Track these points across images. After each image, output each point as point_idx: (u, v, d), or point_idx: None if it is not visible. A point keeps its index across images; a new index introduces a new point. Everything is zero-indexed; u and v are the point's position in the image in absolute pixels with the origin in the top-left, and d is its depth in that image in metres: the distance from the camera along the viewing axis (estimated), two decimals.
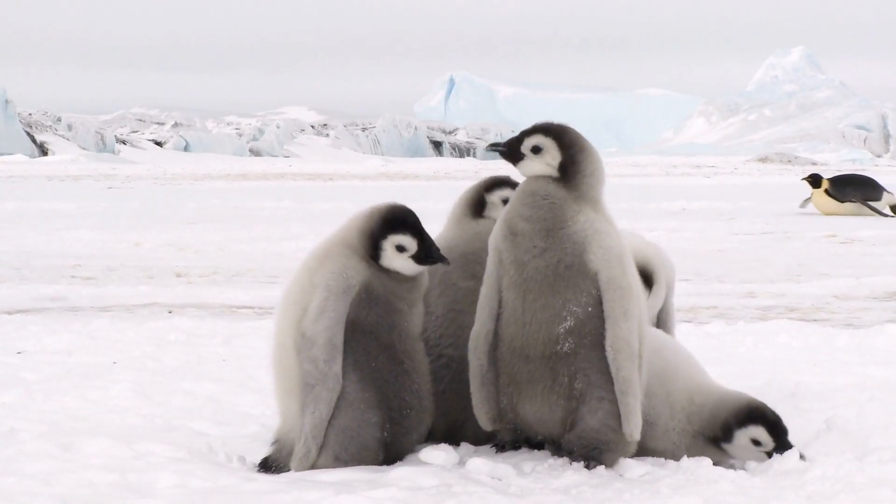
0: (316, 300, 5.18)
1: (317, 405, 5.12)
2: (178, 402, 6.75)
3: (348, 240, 5.32)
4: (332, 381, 5.13)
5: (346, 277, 5.21)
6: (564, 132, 5.38)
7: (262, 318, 10.79)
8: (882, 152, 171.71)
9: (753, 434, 5.35)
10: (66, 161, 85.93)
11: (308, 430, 5.14)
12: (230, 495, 4.81)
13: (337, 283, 5.19)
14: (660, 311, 6.50)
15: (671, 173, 61.64)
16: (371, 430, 5.22)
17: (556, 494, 4.93)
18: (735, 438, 5.36)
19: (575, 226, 5.26)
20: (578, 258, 5.24)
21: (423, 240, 5.28)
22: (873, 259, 17.28)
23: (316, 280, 5.23)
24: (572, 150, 5.34)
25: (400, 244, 5.26)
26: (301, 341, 5.16)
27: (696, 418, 5.42)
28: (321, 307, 5.16)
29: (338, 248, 5.31)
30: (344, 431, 5.18)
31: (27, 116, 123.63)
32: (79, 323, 10.00)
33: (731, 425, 5.36)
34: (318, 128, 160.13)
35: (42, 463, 5.20)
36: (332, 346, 5.14)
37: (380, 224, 5.30)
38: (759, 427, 5.35)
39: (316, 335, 5.14)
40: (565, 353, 5.25)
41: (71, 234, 20.92)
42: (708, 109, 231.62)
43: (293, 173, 62.02)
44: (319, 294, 5.19)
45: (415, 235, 5.27)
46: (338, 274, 5.21)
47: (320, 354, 5.13)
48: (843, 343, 9.17)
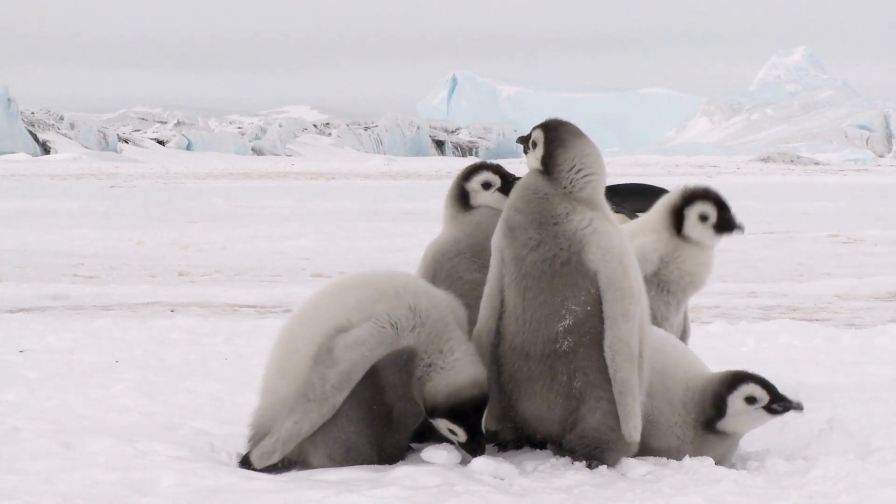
0: (362, 330, 5.14)
1: (302, 419, 5.12)
2: (180, 401, 6.76)
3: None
4: (328, 409, 5.13)
5: (400, 330, 5.18)
6: (555, 128, 5.38)
7: (264, 317, 10.80)
8: (884, 152, 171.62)
9: (745, 392, 5.35)
10: (68, 160, 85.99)
11: (283, 434, 5.14)
12: (232, 494, 4.81)
13: (390, 332, 5.16)
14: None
15: (674, 173, 61.66)
16: (360, 438, 5.23)
17: (558, 494, 4.93)
18: (729, 406, 5.36)
19: (569, 223, 5.25)
20: (576, 256, 5.23)
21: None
22: (875, 259, 17.28)
23: (372, 310, 5.17)
24: (552, 144, 5.34)
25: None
26: (324, 355, 5.13)
27: (692, 405, 5.43)
28: (362, 340, 5.12)
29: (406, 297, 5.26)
30: (332, 434, 5.19)
31: (30, 115, 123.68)
32: (81, 322, 10.00)
33: (722, 394, 5.36)
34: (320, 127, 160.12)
35: (44, 461, 5.20)
36: (347, 378, 5.11)
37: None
38: (748, 384, 5.35)
39: (340, 360, 5.11)
40: (564, 352, 5.24)
41: (73, 233, 20.93)
42: (710, 109, 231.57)
43: (295, 172, 62.04)
44: (369, 328, 5.14)
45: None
46: (395, 321, 5.17)
47: (333, 379, 5.11)
48: (846, 343, 9.17)
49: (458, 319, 5.30)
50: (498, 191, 5.60)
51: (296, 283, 13.69)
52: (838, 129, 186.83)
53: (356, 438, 5.23)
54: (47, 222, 23.53)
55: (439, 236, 5.70)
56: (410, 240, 19.60)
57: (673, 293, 6.36)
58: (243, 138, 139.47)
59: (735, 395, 5.36)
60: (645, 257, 6.30)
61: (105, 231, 21.35)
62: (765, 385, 5.37)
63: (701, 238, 6.34)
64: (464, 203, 5.69)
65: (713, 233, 6.35)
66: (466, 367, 5.18)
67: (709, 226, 6.33)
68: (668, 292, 6.35)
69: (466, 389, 5.14)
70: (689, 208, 6.34)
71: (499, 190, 5.60)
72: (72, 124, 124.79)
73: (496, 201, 5.60)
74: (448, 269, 5.59)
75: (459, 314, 5.32)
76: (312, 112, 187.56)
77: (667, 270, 6.33)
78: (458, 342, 5.23)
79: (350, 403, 5.18)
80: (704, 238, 6.34)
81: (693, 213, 6.34)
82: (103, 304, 12.06)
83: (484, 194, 5.62)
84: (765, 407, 5.35)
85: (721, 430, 5.39)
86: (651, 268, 6.31)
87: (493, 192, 5.62)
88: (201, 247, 18.80)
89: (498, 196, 5.59)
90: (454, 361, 5.18)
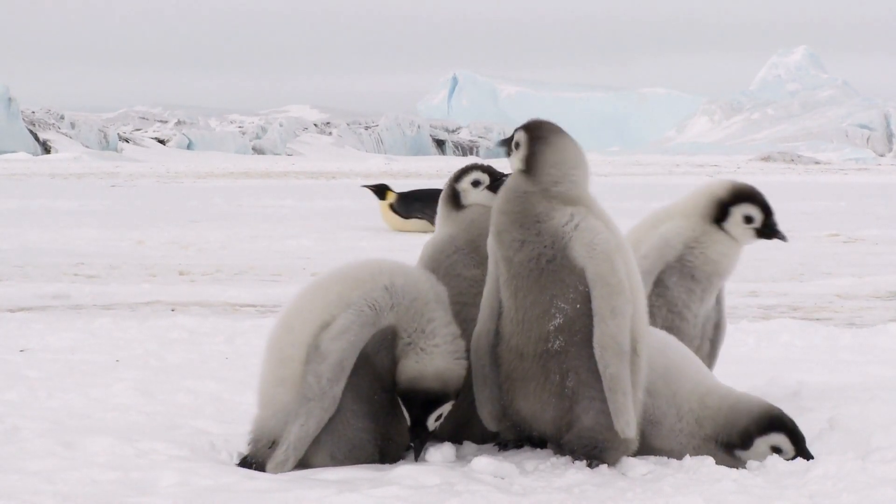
0: (343, 319, 5.19)
1: (308, 419, 5.15)
2: (181, 401, 6.76)
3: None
4: (329, 402, 5.15)
5: (379, 310, 5.23)
6: (537, 127, 5.40)
7: (265, 317, 10.80)
8: (885, 151, 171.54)
9: (775, 442, 5.32)
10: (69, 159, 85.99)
11: (293, 439, 5.17)
12: (232, 493, 4.81)
13: (369, 313, 5.21)
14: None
15: (674, 172, 61.64)
16: (365, 434, 5.24)
17: (558, 493, 4.93)
18: (755, 446, 5.34)
19: (551, 221, 5.26)
20: (560, 252, 5.24)
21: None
22: (876, 258, 17.28)
23: (350, 298, 5.23)
24: (536, 143, 5.35)
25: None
26: (313, 353, 5.17)
27: (710, 423, 5.39)
28: (345, 328, 5.17)
29: (378, 278, 5.31)
30: (336, 431, 5.21)
31: (30, 114, 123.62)
32: (81, 321, 10.00)
33: (752, 433, 5.33)
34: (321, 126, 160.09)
35: (44, 461, 5.20)
36: (340, 368, 5.15)
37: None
38: (780, 435, 5.32)
39: (329, 352, 5.15)
40: (556, 352, 5.25)
41: (74, 233, 20.93)
42: (711, 108, 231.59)
43: (296, 172, 62.04)
44: (349, 315, 5.19)
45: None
46: (372, 303, 5.23)
47: (326, 373, 5.14)
48: (846, 342, 9.17)
49: (439, 298, 5.35)
50: (487, 188, 5.69)
51: (296, 283, 13.69)
52: (839, 128, 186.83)
53: (361, 435, 5.25)
54: (47, 221, 23.52)
55: (435, 235, 5.77)
56: (411, 239, 19.61)
57: (697, 280, 6.30)
58: (244, 137, 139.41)
59: (764, 439, 5.33)
60: (668, 243, 6.29)
61: (105, 230, 21.35)
62: (794, 438, 5.33)
63: (740, 237, 6.33)
64: (456, 203, 5.76)
65: (754, 235, 6.33)
66: (440, 356, 5.23)
67: (751, 228, 6.31)
68: (691, 279, 6.30)
69: (427, 380, 5.19)
70: (736, 207, 6.31)
71: (488, 187, 5.69)
72: (72, 124, 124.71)
73: (486, 198, 5.68)
74: (446, 267, 5.63)
75: (440, 293, 5.37)
76: (313, 111, 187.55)
77: (691, 255, 6.28)
78: (441, 324, 5.28)
79: (352, 399, 5.20)
80: (743, 238, 6.33)
81: (739, 212, 6.30)
82: (104, 303, 12.06)
83: (474, 192, 5.72)
84: (787, 459, 5.33)
85: (738, 457, 5.38)
86: (674, 253, 6.29)
87: (483, 190, 5.71)
88: (202, 246, 18.79)
89: (487, 193, 5.69)
90: (433, 347, 5.23)
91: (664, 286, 6.32)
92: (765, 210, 6.33)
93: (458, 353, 5.28)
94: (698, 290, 6.33)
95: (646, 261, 6.29)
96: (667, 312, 6.33)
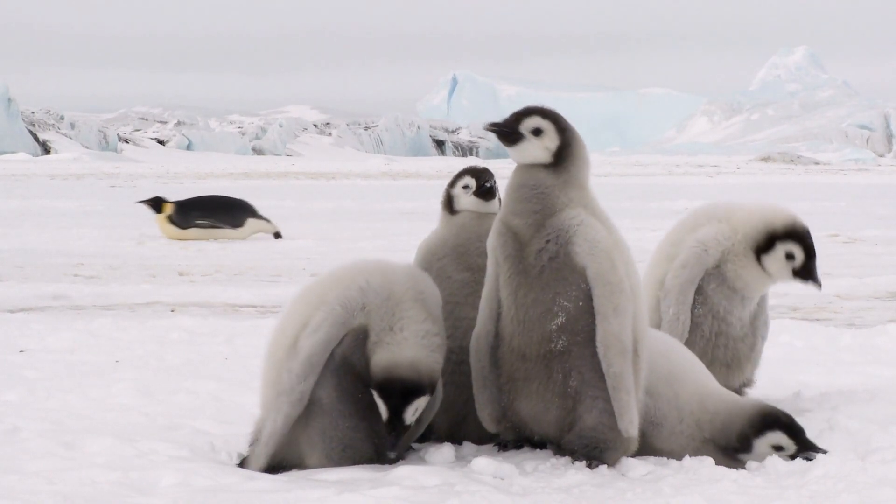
0: (316, 318, 5.23)
1: (277, 414, 5.18)
2: (181, 401, 6.76)
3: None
4: (297, 397, 5.17)
5: (350, 310, 5.23)
6: (559, 116, 5.38)
7: (265, 317, 10.80)
8: (885, 152, 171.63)
9: (773, 440, 5.30)
10: (68, 159, 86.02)
11: (265, 436, 5.20)
12: (232, 494, 4.81)
13: (340, 311, 5.22)
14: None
15: (674, 172, 61.65)
16: (356, 433, 5.24)
17: (558, 493, 4.93)
18: (755, 448, 5.33)
19: (561, 214, 5.25)
20: (563, 249, 5.23)
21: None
22: (876, 259, 17.28)
23: (328, 297, 5.26)
24: (567, 133, 5.32)
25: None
26: (291, 351, 5.22)
27: (709, 426, 5.39)
28: (317, 326, 5.21)
29: (362, 276, 5.32)
30: (327, 432, 5.22)
31: (30, 115, 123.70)
32: (81, 321, 10.00)
33: (748, 435, 5.32)
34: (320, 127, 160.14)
35: (44, 461, 5.20)
36: (308, 365, 5.17)
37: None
38: (777, 432, 5.31)
39: (301, 349, 5.19)
40: (559, 352, 5.24)
41: (73, 233, 20.93)
42: (711, 109, 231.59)
43: (296, 172, 62.05)
44: (321, 314, 5.23)
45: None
46: (344, 302, 5.24)
47: (295, 369, 5.18)
48: (846, 343, 9.16)
49: (418, 298, 5.29)
50: (473, 194, 5.68)
51: (296, 283, 13.68)
52: (838, 128, 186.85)
53: (352, 434, 5.25)
54: (47, 222, 23.52)
55: (431, 235, 5.81)
56: (410, 239, 19.60)
57: (735, 289, 6.28)
58: (244, 138, 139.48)
59: (762, 439, 5.31)
60: (707, 250, 6.23)
61: (105, 231, 21.34)
62: (793, 432, 5.31)
63: (775, 272, 6.25)
64: (450, 207, 5.79)
65: (789, 273, 6.26)
66: (411, 347, 5.19)
67: (790, 266, 6.24)
68: (729, 286, 6.28)
69: (401, 368, 5.15)
70: (782, 242, 6.24)
71: (474, 193, 5.68)
72: (72, 124, 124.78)
73: (471, 204, 5.70)
74: (437, 269, 5.68)
75: (421, 292, 5.32)
76: (313, 112, 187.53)
77: (725, 267, 6.25)
78: (413, 321, 5.23)
79: (337, 399, 5.21)
80: (778, 273, 6.25)
81: (783, 247, 6.24)
82: (103, 303, 12.05)
83: (464, 198, 5.74)
84: (791, 455, 5.31)
85: (740, 460, 5.37)
86: (711, 261, 6.24)
87: (469, 196, 5.71)
88: (201, 246, 18.80)
89: (473, 199, 5.69)
90: (401, 339, 5.20)
91: (704, 294, 6.26)
92: (808, 252, 6.25)
93: (431, 347, 5.24)
94: (737, 297, 6.30)
95: (684, 270, 6.24)
96: (712, 320, 6.27)
